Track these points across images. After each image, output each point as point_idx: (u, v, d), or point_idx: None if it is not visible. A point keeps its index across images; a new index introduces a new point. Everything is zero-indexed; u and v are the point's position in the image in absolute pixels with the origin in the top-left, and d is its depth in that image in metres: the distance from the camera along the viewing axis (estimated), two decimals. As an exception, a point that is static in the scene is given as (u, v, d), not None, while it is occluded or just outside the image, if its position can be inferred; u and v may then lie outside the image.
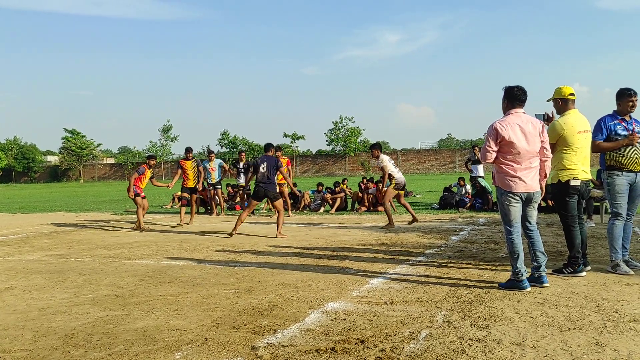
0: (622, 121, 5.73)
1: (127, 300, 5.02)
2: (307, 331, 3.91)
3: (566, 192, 5.52)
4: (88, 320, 4.35)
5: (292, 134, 65.15)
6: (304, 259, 7.01)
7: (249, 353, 3.48)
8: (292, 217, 13.05)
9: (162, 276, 6.08)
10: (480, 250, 7.32)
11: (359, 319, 4.17)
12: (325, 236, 9.24)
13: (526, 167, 5.00)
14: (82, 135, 70.99)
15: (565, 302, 4.51)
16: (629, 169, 5.66)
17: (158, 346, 3.67)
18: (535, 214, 5.20)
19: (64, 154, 70.89)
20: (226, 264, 6.77)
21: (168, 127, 68.39)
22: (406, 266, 6.29)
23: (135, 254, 7.84)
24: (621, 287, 5.03)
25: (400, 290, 5.11)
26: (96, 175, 70.26)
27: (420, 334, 3.78)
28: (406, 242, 8.28)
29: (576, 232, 5.57)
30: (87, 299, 5.09)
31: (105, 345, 3.73)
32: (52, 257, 7.70)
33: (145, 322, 4.27)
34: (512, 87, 5.12)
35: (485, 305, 4.47)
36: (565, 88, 5.71)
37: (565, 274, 5.52)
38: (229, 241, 8.92)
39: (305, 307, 4.59)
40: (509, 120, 5.01)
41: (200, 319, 4.29)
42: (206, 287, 5.44)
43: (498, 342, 3.57)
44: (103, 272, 6.46)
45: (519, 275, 4.97)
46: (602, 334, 3.69)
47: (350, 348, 3.51)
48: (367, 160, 59.13)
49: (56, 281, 5.98)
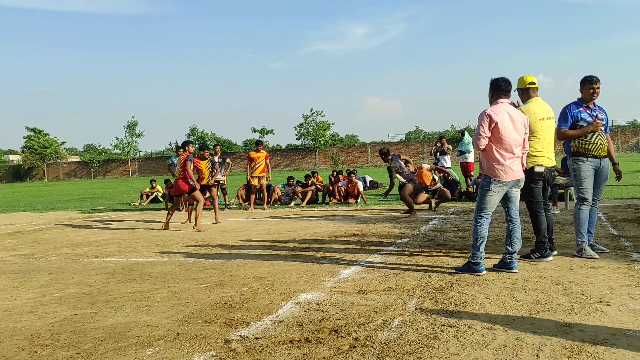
0: (586, 108, 5.85)
1: (96, 298, 4.91)
2: (280, 323, 3.89)
3: (531, 178, 5.61)
4: (55, 320, 4.24)
5: (261, 129, 64.88)
6: (275, 251, 6.98)
7: (222, 346, 3.45)
8: (264, 212, 13.00)
9: (132, 273, 5.98)
10: (450, 238, 7.40)
11: (332, 309, 4.17)
12: (296, 229, 9.22)
13: (513, 155, 5.11)
14: (45, 133, 69.26)
15: (533, 286, 4.60)
16: (594, 155, 5.79)
17: (129, 343, 3.60)
18: (518, 200, 5.32)
19: (26, 153, 69.04)
20: (197, 258, 6.70)
21: (133, 123, 67.30)
22: (378, 256, 6.32)
23: (103, 251, 7.69)
24: (587, 270, 5.15)
25: (372, 279, 5.13)
26: (61, 174, 68.69)
27: (393, 321, 3.80)
28: (377, 232, 8.32)
29: (542, 218, 5.68)
30: (54, 298, 4.96)
31: (73, 343, 3.64)
32: (16, 257, 7.49)
33: (115, 319, 4.19)
34: (497, 79, 5.27)
35: (456, 292, 4.52)
36: (526, 77, 5.81)
37: (533, 259, 5.63)
38: (199, 236, 8.82)
39: (278, 299, 4.57)
40: (500, 108, 5.11)
41: (171, 315, 4.23)
42: (177, 283, 5.37)
43: (469, 326, 3.61)
44: (70, 270, 6.31)
45: (478, 258, 5.13)
46: (570, 315, 3.77)
47: (324, 338, 3.51)
48: (337, 154, 59.29)
49: (21, 281, 5.82)
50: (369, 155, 59.21)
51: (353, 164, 55.67)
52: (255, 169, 13.48)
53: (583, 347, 3.16)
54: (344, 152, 61.10)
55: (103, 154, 69.96)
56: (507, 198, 5.29)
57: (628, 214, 9.04)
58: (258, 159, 13.58)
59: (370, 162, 59.11)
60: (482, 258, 5.16)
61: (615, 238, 6.82)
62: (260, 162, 13.56)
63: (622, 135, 50.01)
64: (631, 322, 3.57)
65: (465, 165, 14.87)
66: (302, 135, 63.47)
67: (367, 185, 19.24)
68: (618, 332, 3.39)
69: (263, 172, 13.57)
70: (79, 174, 68.20)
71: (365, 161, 59.52)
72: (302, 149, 62.92)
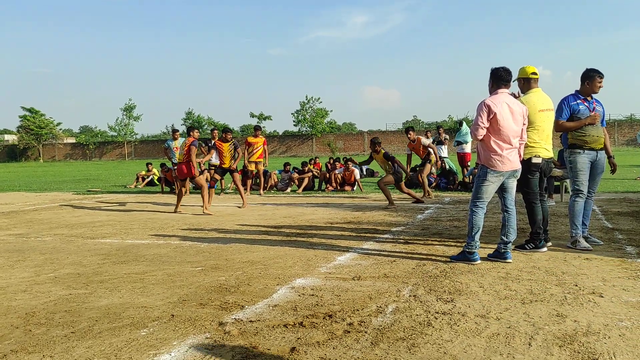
0: (584, 101, 5.84)
1: (91, 278, 4.92)
2: (275, 307, 3.90)
3: (528, 169, 5.62)
4: (50, 299, 4.24)
5: (259, 114, 64.64)
6: (271, 237, 6.98)
7: (217, 329, 3.46)
8: (260, 197, 12.99)
9: (127, 255, 5.98)
10: (445, 227, 7.42)
11: (326, 295, 4.18)
12: (292, 215, 9.23)
13: (510, 146, 5.11)
14: (41, 113, 68.84)
15: (527, 276, 4.63)
16: (590, 147, 5.79)
17: (123, 323, 3.61)
18: (514, 190, 5.33)
19: (22, 133, 68.67)
20: (192, 242, 6.70)
21: (131, 106, 67.00)
22: (373, 243, 6.34)
23: (98, 233, 7.68)
24: (581, 261, 5.17)
25: (367, 266, 5.14)
26: (56, 155, 68.41)
27: (388, 308, 3.82)
28: (373, 220, 8.34)
29: (537, 209, 5.70)
30: (49, 278, 4.97)
31: (68, 323, 3.65)
32: (11, 237, 7.48)
33: (110, 300, 4.19)
34: (498, 69, 5.22)
35: (451, 280, 4.54)
36: (528, 67, 5.78)
37: (527, 250, 5.65)
38: (195, 220, 8.82)
39: (273, 283, 4.58)
40: (499, 99, 5.09)
41: (166, 297, 4.24)
42: (172, 265, 5.38)
43: (463, 314, 3.63)
44: (65, 251, 6.31)
45: (473, 247, 5.16)
46: (562, 305, 3.80)
47: (319, 323, 3.53)
48: (334, 142, 59.22)
49: (16, 260, 5.81)
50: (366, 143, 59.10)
51: (350, 152, 55.64)
52: (253, 154, 13.45)
53: (575, 337, 3.19)
54: (341, 140, 61.01)
55: (99, 135, 69.61)
56: (503, 188, 5.30)
57: (622, 208, 9.08)
58: (256, 145, 13.54)
59: (367, 151, 59.06)
60: (477, 247, 5.18)
61: (610, 231, 6.85)
62: (258, 147, 13.53)
63: (618, 129, 50.08)
64: (623, 314, 3.59)
65: (462, 156, 14.87)
66: (299, 121, 63.28)
67: (364, 173, 19.23)
68: (610, 323, 3.42)
69: (260, 157, 13.56)
70: (74, 155, 67.92)
71: (362, 149, 59.49)
72: (299, 135, 62.76)
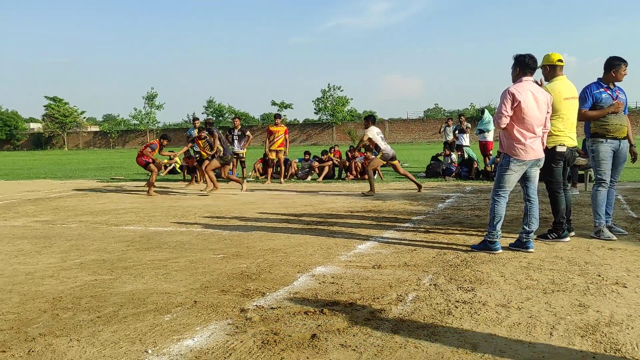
0: (607, 89, 5.75)
1: (115, 264, 5.01)
2: (295, 294, 3.94)
3: (552, 158, 5.55)
4: (76, 284, 4.34)
5: (280, 102, 64.71)
6: (292, 225, 7.03)
7: (238, 315, 3.51)
8: (280, 185, 13.05)
9: (150, 242, 6.07)
10: (466, 216, 7.39)
11: (347, 283, 4.21)
12: (313, 203, 9.26)
13: (534, 135, 5.04)
14: (65, 102, 69.84)
15: (549, 266, 4.59)
16: (613, 136, 5.70)
17: (147, 309, 3.68)
18: (537, 179, 5.28)
19: (47, 122, 69.79)
20: (214, 229, 6.77)
21: (153, 94, 67.56)
22: (393, 232, 6.34)
23: (122, 220, 7.81)
24: (604, 251, 5.11)
25: (387, 255, 5.15)
26: (80, 143, 69.43)
27: (408, 296, 3.82)
28: (393, 209, 8.33)
29: (561, 198, 5.64)
30: (75, 264, 5.07)
31: (94, 307, 3.73)
32: (37, 223, 7.65)
33: (134, 285, 4.27)
34: (524, 55, 5.12)
35: (471, 269, 4.53)
36: (553, 55, 5.70)
37: (550, 239, 5.60)
38: (216, 208, 8.91)
39: (294, 271, 4.62)
40: (524, 87, 5.02)
41: (189, 283, 4.30)
42: (194, 252, 5.45)
43: (484, 303, 3.63)
44: (90, 237, 6.43)
45: (494, 237, 5.12)
46: (585, 296, 3.76)
47: (339, 310, 3.55)
48: (354, 130, 59.00)
49: (43, 246, 5.95)
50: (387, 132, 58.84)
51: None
52: (274, 143, 13.51)
53: (598, 327, 3.16)
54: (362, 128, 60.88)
55: (122, 124, 70.40)
56: (526, 177, 5.24)
57: (648, 197, 8.92)
58: (277, 133, 13.59)
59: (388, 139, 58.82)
60: (499, 237, 5.14)
61: (634, 220, 6.75)
62: (279, 136, 13.57)
63: (643, 117, 49.02)
64: (647, 305, 3.55)
65: (484, 144, 14.75)
66: (320, 109, 63.20)
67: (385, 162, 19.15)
68: (633, 313, 3.38)
69: (281, 146, 13.60)
70: (97, 143, 68.85)
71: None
72: (319, 124, 62.71)
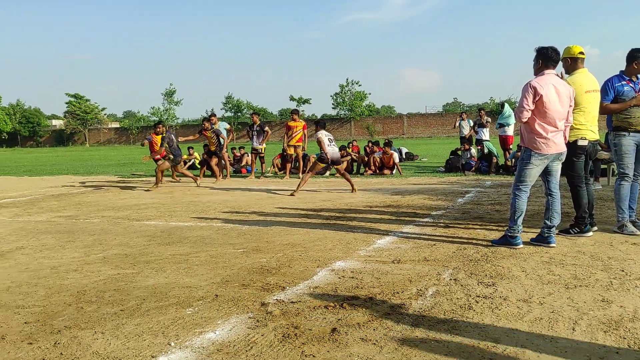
0: (629, 82, 5.65)
1: (137, 259, 5.08)
2: (315, 288, 3.96)
3: (574, 152, 5.48)
4: (99, 278, 4.41)
5: (298, 98, 64.76)
6: (310, 219, 7.05)
7: (259, 309, 3.54)
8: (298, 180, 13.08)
9: (171, 236, 6.14)
10: (486, 211, 7.34)
11: (366, 277, 4.21)
12: (331, 198, 9.27)
13: (556, 129, 4.99)
14: (86, 99, 70.75)
15: (571, 261, 4.54)
16: (636, 130, 5.61)
17: (169, 302, 3.73)
18: (559, 174, 5.22)
19: (68, 118, 70.80)
20: (234, 224, 6.82)
21: (171, 91, 68.07)
22: (413, 227, 6.32)
23: (143, 215, 7.90)
24: (627, 246, 5.05)
25: (407, 249, 5.14)
26: (101, 140, 70.31)
27: (428, 291, 3.82)
28: (412, 203, 8.30)
29: (583, 192, 5.57)
30: (98, 258, 5.15)
31: (117, 301, 3.79)
32: (61, 218, 7.77)
33: (156, 279, 4.33)
34: (546, 48, 5.05)
35: (492, 264, 4.50)
36: (574, 47, 5.62)
37: (572, 234, 5.54)
38: (235, 203, 8.96)
39: (313, 265, 4.64)
40: (546, 80, 4.96)
41: (209, 277, 4.35)
42: (215, 247, 5.50)
43: (505, 298, 3.61)
44: (112, 232, 6.52)
45: (515, 231, 5.08)
46: (608, 291, 3.72)
47: (359, 304, 3.56)
48: (372, 125, 58.86)
49: (66, 241, 6.05)
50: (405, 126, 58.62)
51: (389, 135, 55.21)
52: (292, 138, 13.54)
53: (621, 322, 3.13)
54: (380, 123, 60.60)
55: (141, 120, 71.08)
56: (547, 172, 5.18)
57: (673, 192, 8.76)
58: (295, 128, 13.62)
59: (406, 134, 58.53)
60: (520, 231, 5.10)
61: (659, 215, 6.64)
62: (298, 131, 13.61)
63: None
64: (672, 300, 3.50)
65: (504, 138, 14.60)
66: (338, 104, 63.12)
67: (403, 157, 19.11)
68: (658, 309, 3.34)
69: (300, 141, 13.64)
70: (118, 139, 69.64)
71: (401, 132, 58.96)
72: (337, 119, 62.63)
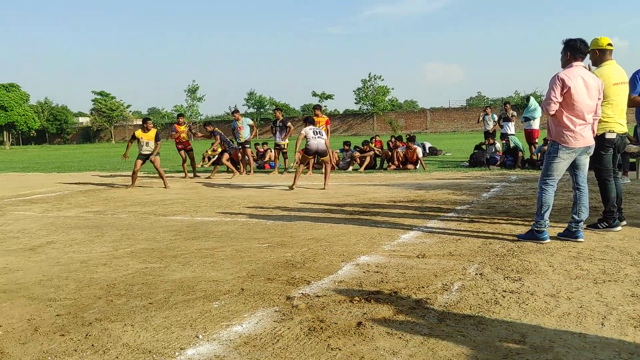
0: None
1: (164, 253, 5.16)
2: (340, 282, 3.97)
3: (601, 145, 5.39)
4: (128, 272, 4.49)
5: (320, 93, 64.76)
6: (334, 214, 7.06)
7: (285, 302, 3.56)
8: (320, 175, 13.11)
9: (197, 231, 6.22)
10: (511, 206, 7.26)
11: (391, 272, 4.21)
12: (354, 193, 9.27)
13: (584, 122, 4.91)
14: (112, 96, 71.79)
15: (600, 256, 4.48)
16: (667, 122, 5.49)
17: (196, 296, 3.78)
18: (587, 167, 5.15)
19: (95, 115, 71.93)
20: (258, 219, 6.87)
21: (194, 87, 68.69)
22: (437, 221, 6.29)
23: (169, 210, 8.01)
24: (658, 241, 4.95)
25: (431, 244, 5.13)
26: (127, 136, 71.22)
27: (453, 285, 3.81)
28: (436, 198, 8.26)
29: (611, 186, 5.48)
30: (126, 252, 5.25)
31: (145, 294, 3.86)
32: (89, 214, 7.92)
33: (183, 273, 4.39)
34: (575, 40, 4.98)
35: (518, 259, 4.46)
36: (602, 39, 5.51)
37: (600, 229, 5.46)
38: (260, 198, 9.03)
39: (338, 260, 4.65)
40: (574, 72, 4.89)
41: (235, 271, 4.39)
42: (240, 242, 5.55)
43: (532, 293, 3.58)
44: (139, 227, 6.63)
45: (542, 226, 5.02)
46: (638, 286, 3.66)
47: (384, 299, 3.57)
48: (395, 120, 58.56)
49: (95, 236, 6.16)
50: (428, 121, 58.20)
51: (412, 130, 54.89)
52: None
53: (651, 318, 3.08)
54: (403, 118, 60.28)
55: (166, 117, 71.86)
56: (575, 165, 5.11)
57: None
58: (318, 124, 13.62)
59: (429, 129, 58.11)
60: (547, 226, 5.04)
61: (691, 210, 6.50)
62: (321, 126, 13.60)
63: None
64: None
65: (530, 132, 14.40)
66: (360, 99, 62.95)
67: (427, 152, 19.00)
68: (690, 304, 3.28)
69: None
70: (143, 136, 70.46)
71: (424, 127, 58.56)
72: (360, 114, 62.49)
